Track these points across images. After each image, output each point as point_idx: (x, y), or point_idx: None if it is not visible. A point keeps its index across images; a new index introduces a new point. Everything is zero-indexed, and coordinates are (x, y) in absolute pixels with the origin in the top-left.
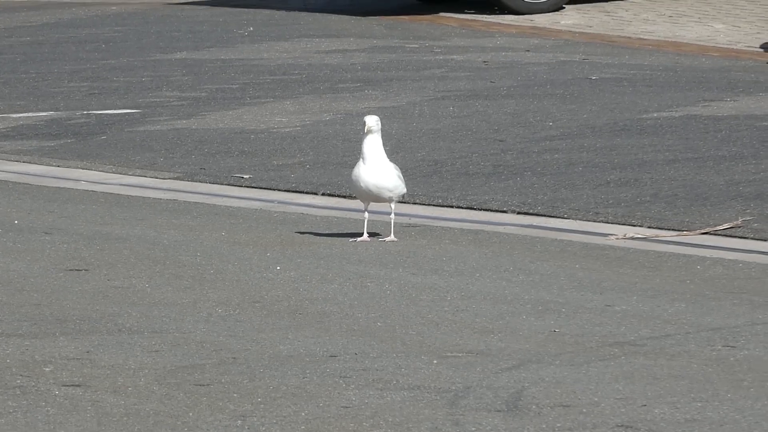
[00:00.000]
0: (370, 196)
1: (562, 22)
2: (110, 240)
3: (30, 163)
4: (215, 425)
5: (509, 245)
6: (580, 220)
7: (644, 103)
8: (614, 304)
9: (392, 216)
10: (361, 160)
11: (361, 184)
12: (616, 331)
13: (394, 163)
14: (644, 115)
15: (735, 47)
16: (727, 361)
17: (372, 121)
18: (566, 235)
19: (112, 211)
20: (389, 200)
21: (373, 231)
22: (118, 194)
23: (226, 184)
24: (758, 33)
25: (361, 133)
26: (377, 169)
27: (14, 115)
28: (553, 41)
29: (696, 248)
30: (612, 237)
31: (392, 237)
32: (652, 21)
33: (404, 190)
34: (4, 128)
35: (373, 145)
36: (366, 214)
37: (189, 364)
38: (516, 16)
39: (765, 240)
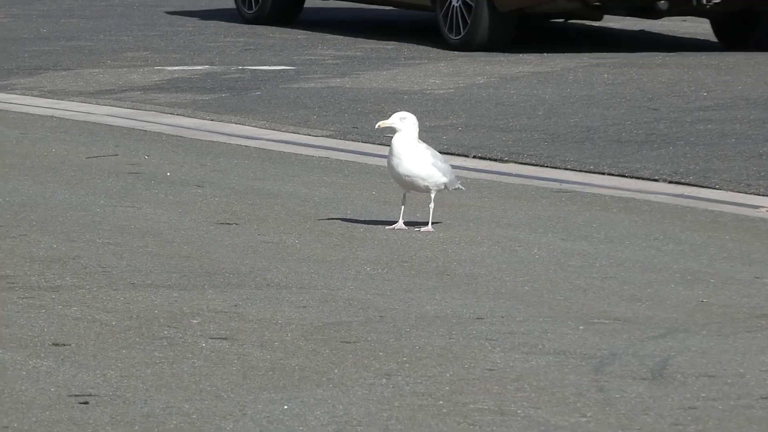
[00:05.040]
0: (404, 184)
1: None
2: (261, 195)
3: (184, 116)
4: (360, 383)
5: (660, 214)
6: (731, 191)
7: None
8: (763, 276)
9: (431, 205)
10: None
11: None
12: (764, 303)
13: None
14: None
15: None
16: None
17: (396, 119)
18: (717, 205)
19: (264, 167)
20: (425, 189)
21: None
22: (270, 150)
23: (378, 144)
24: None
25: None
26: (410, 158)
27: (169, 68)
28: None
29: None
30: (763, 209)
31: (429, 228)
32: None
33: (443, 180)
34: (159, 80)
35: (403, 141)
36: (402, 207)
37: (336, 321)
38: None
39: None
